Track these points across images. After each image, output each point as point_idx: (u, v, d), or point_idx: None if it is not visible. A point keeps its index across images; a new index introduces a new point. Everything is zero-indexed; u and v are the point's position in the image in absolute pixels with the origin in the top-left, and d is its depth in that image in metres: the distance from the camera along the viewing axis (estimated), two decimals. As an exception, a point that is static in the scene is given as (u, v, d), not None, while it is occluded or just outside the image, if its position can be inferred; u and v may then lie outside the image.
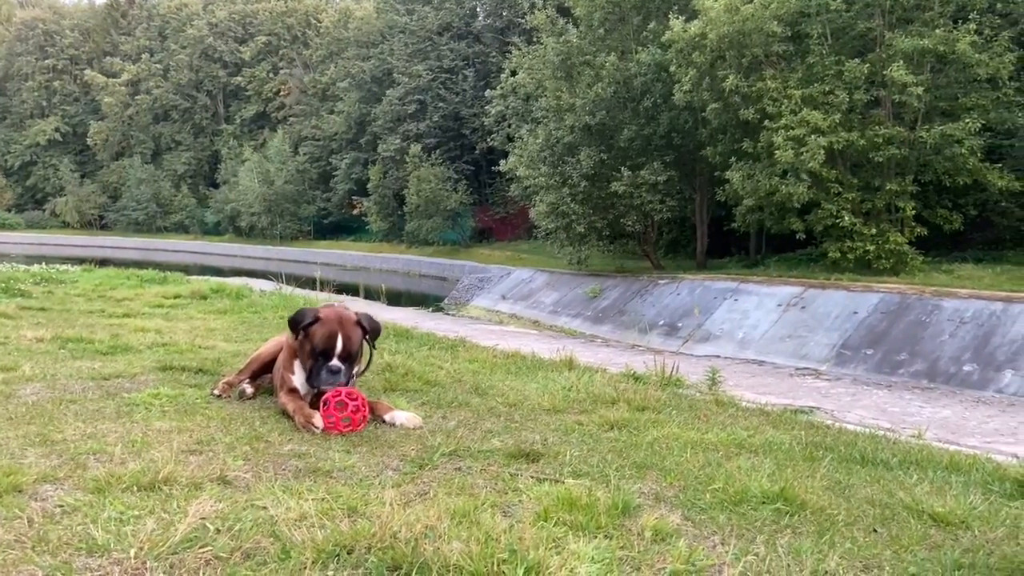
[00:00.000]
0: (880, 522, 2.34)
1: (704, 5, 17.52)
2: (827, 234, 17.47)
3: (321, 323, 3.18)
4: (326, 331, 3.16)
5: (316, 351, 3.13)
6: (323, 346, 3.13)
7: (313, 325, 3.18)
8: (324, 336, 3.15)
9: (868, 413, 7.84)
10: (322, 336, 3.15)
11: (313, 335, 3.16)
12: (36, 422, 2.86)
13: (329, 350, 3.13)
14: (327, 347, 3.13)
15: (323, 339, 3.14)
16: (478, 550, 1.77)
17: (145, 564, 1.67)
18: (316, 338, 3.15)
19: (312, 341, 3.16)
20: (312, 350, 3.14)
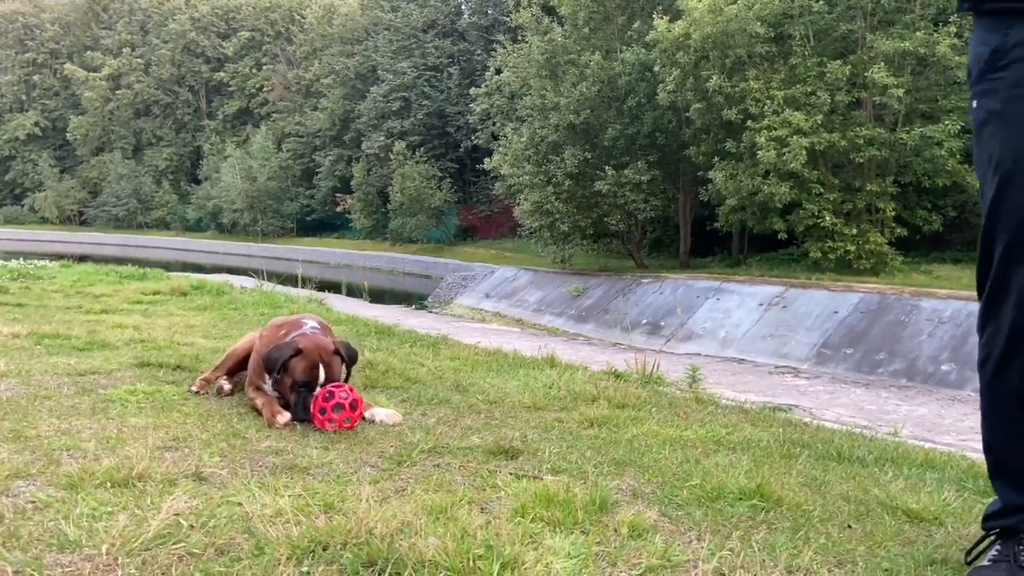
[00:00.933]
0: (855, 518, 2.36)
1: (688, 5, 17.60)
2: (808, 234, 17.60)
3: (302, 356, 3.13)
4: (307, 363, 3.12)
5: (299, 383, 3.09)
6: (306, 378, 3.10)
7: (293, 359, 3.13)
8: (305, 368, 3.11)
9: (846, 411, 7.91)
10: (304, 368, 3.11)
11: (294, 369, 3.12)
12: (10, 418, 2.83)
13: (312, 381, 3.09)
14: (310, 379, 3.10)
15: (304, 371, 3.11)
16: (454, 546, 1.77)
17: (117, 560, 1.65)
18: (297, 372, 3.11)
19: (293, 375, 3.11)
20: (294, 383, 3.10)
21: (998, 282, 1.77)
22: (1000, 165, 1.72)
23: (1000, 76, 1.73)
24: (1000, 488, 1.88)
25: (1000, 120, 1.73)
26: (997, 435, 1.87)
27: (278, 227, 51.92)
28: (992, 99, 1.75)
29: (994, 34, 1.75)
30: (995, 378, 1.83)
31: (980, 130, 1.80)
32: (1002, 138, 1.73)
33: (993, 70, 1.75)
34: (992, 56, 1.75)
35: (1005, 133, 1.72)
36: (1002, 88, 1.73)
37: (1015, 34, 1.71)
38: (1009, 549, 1.81)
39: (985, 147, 1.78)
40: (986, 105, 1.77)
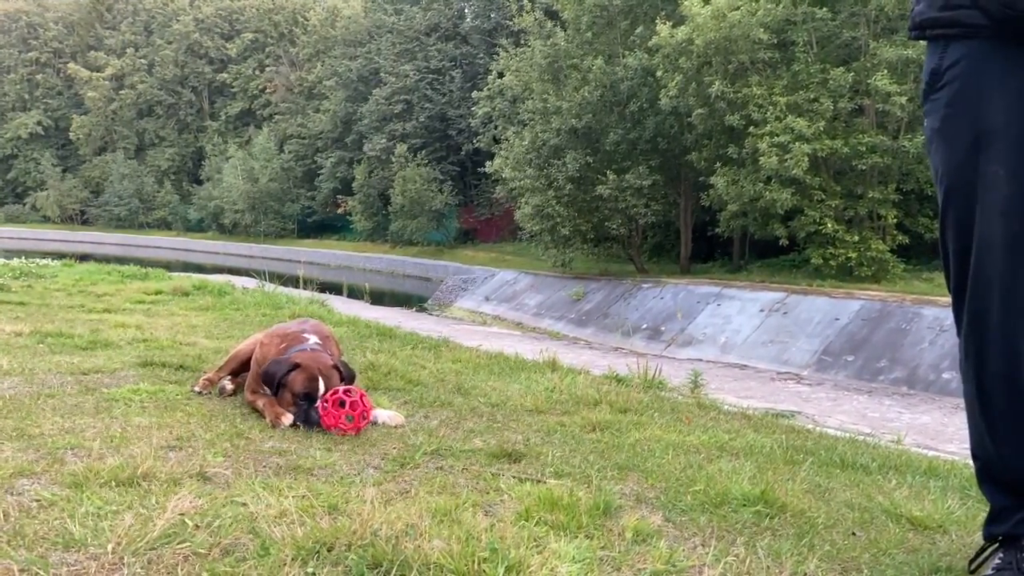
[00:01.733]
0: (859, 525, 2.35)
1: (691, 11, 17.61)
2: (810, 240, 17.60)
3: (300, 370, 3.15)
4: (306, 376, 3.13)
5: (299, 396, 3.10)
6: (305, 389, 3.10)
7: (291, 373, 3.14)
8: (305, 380, 3.12)
9: (848, 418, 7.91)
10: (303, 381, 3.12)
11: (293, 382, 3.12)
12: (13, 416, 2.83)
13: (312, 393, 3.10)
14: (310, 390, 3.10)
15: (304, 383, 3.11)
16: (459, 548, 1.77)
17: (122, 559, 1.65)
18: (297, 385, 3.11)
19: (292, 389, 3.12)
20: (295, 396, 3.11)
21: (957, 290, 1.87)
22: (943, 180, 1.85)
23: (938, 96, 1.85)
24: (987, 491, 1.92)
25: (940, 137, 1.85)
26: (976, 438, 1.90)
27: (279, 228, 51.94)
28: (933, 118, 1.87)
29: (933, 57, 1.86)
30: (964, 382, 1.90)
31: (928, 146, 1.92)
32: (941, 154, 1.85)
33: (933, 91, 1.86)
34: (931, 78, 1.87)
35: (943, 150, 1.84)
36: (940, 107, 1.84)
37: (948, 56, 1.82)
38: (1012, 556, 1.82)
39: (932, 162, 1.90)
40: (929, 124, 1.89)
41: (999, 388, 1.80)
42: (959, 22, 1.79)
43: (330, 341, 3.54)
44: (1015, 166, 1.74)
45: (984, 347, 1.81)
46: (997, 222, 1.75)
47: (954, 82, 1.81)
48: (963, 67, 1.79)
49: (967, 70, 1.79)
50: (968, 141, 1.78)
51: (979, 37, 1.77)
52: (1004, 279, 1.76)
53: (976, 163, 1.77)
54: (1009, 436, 1.81)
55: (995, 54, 1.76)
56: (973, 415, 1.88)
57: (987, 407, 1.83)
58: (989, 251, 1.76)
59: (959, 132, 1.80)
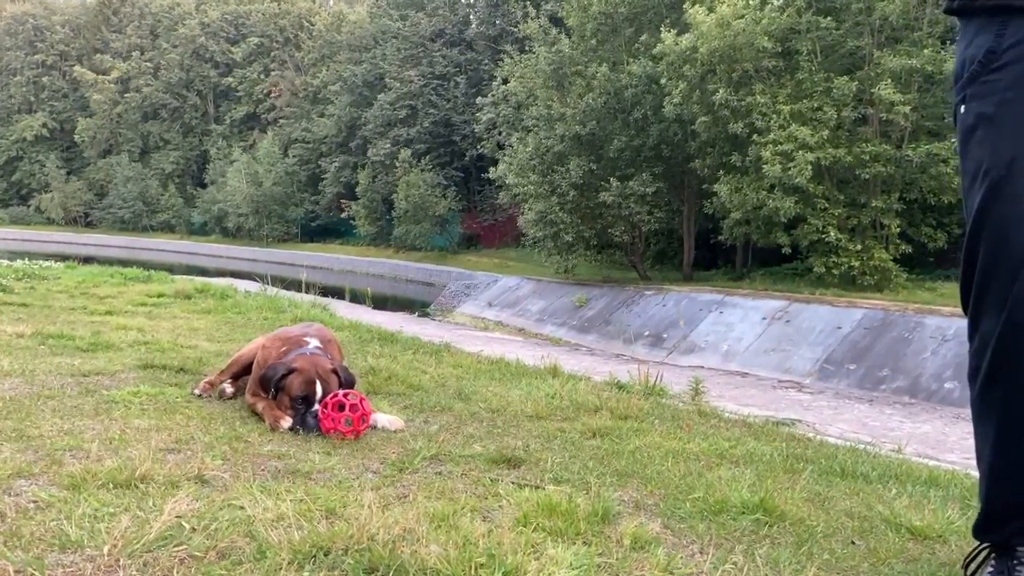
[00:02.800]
0: (858, 534, 2.35)
1: (696, 19, 17.65)
2: (813, 249, 17.59)
3: (297, 373, 3.13)
4: (303, 379, 3.11)
5: (296, 400, 3.08)
6: (302, 392, 3.08)
7: (288, 376, 3.13)
8: (302, 383, 3.10)
9: (849, 427, 7.89)
10: (300, 384, 3.10)
11: (290, 385, 3.10)
12: (13, 417, 2.83)
13: (310, 396, 3.08)
14: (307, 393, 3.08)
15: (301, 386, 3.09)
16: (456, 554, 1.76)
17: (119, 561, 1.65)
18: (294, 388, 3.09)
19: (290, 392, 3.10)
20: (292, 400, 3.09)
21: (982, 293, 1.70)
22: (989, 172, 1.64)
23: (994, 79, 1.65)
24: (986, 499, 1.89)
25: (991, 124, 1.65)
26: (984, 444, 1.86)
27: (283, 232, 52.04)
28: (984, 103, 1.67)
29: (987, 34, 1.68)
30: (984, 392, 1.77)
31: (968, 136, 1.72)
32: (992, 144, 1.64)
33: (986, 72, 1.67)
34: (986, 57, 1.67)
35: (996, 138, 1.64)
36: (996, 91, 1.64)
37: (1011, 33, 1.63)
38: (1004, 565, 1.82)
39: (973, 153, 1.70)
40: (976, 109, 1.69)
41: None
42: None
43: (332, 345, 3.53)
44: None
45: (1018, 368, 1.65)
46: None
47: (1020, 62, 1.61)
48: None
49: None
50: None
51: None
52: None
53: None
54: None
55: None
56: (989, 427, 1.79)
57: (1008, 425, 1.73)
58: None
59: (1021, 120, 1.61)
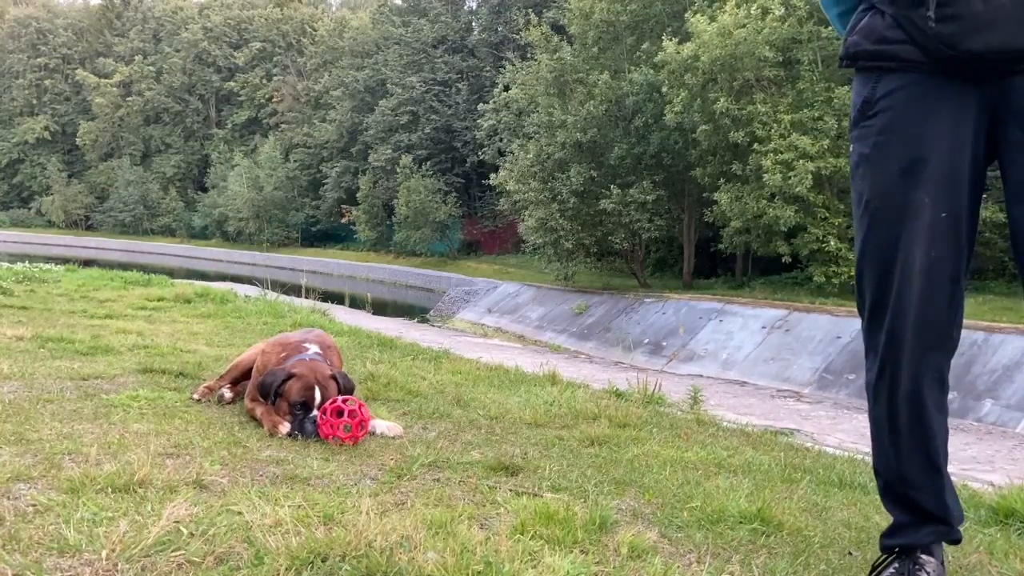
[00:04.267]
0: (856, 545, 2.35)
1: (697, 28, 17.70)
2: (813, 258, 17.61)
3: (296, 379, 3.12)
4: (302, 384, 3.10)
5: (295, 406, 3.08)
6: (301, 398, 3.07)
7: (287, 382, 3.12)
8: (301, 389, 3.09)
9: (848, 436, 7.88)
10: (299, 390, 3.09)
11: (289, 391, 3.10)
12: (12, 420, 2.83)
13: (308, 402, 3.07)
14: (306, 399, 3.07)
15: (300, 392, 3.08)
16: (453, 561, 1.76)
17: (116, 566, 1.65)
18: (293, 393, 3.08)
19: (288, 398, 3.09)
20: (291, 406, 3.09)
21: (873, 312, 1.91)
22: (868, 204, 1.90)
23: (869, 124, 1.89)
24: (889, 507, 2.02)
25: (868, 163, 1.90)
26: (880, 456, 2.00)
27: (283, 237, 52.07)
28: (863, 144, 1.91)
29: (865, 87, 1.91)
30: (873, 401, 1.96)
31: (854, 172, 1.96)
32: (869, 180, 1.90)
33: (864, 118, 1.91)
34: (863, 106, 1.91)
35: (871, 176, 1.89)
36: (871, 135, 1.89)
37: (882, 86, 1.87)
38: (905, 567, 1.90)
39: (857, 187, 1.95)
40: (858, 149, 1.93)
41: (906, 408, 1.90)
42: (896, 56, 1.83)
43: (332, 351, 3.53)
44: (938, 195, 1.81)
45: (897, 369, 1.88)
46: (919, 248, 1.82)
47: (888, 111, 1.86)
48: (897, 97, 1.84)
49: (901, 100, 1.84)
50: (898, 169, 1.83)
51: (914, 71, 1.82)
52: (919, 304, 1.83)
53: (905, 190, 1.83)
54: (912, 454, 1.92)
55: (929, 87, 1.81)
56: (880, 434, 1.97)
57: (895, 426, 1.92)
58: (908, 275, 1.83)
59: (891, 159, 1.85)
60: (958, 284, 1.87)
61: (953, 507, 1.97)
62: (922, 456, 1.92)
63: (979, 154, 1.84)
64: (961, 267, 1.87)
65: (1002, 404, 10.64)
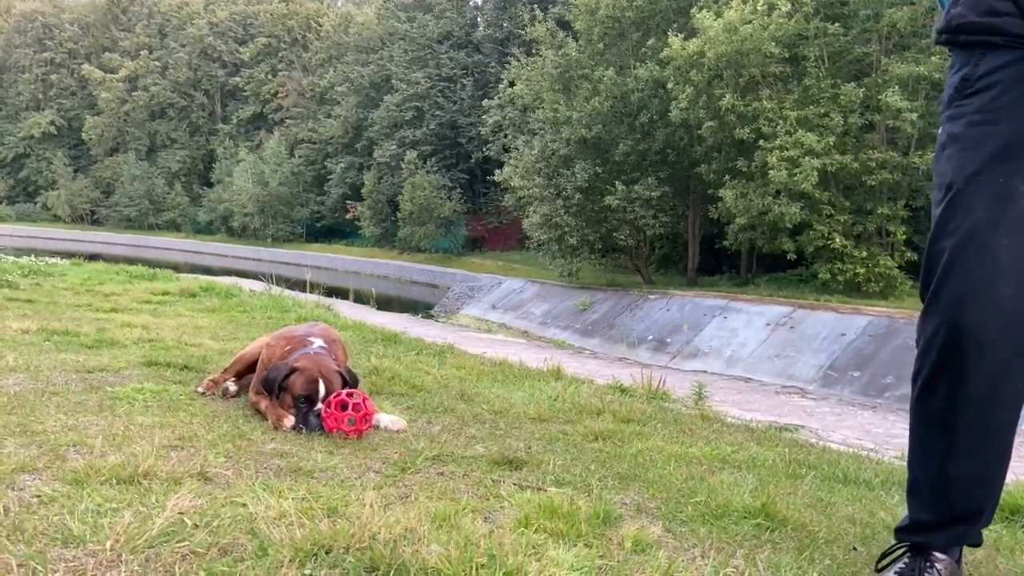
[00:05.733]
0: (860, 540, 2.34)
1: (703, 24, 17.65)
2: (818, 255, 17.57)
3: (299, 372, 3.11)
4: (305, 378, 3.09)
5: (299, 399, 3.06)
6: (305, 391, 3.06)
7: (291, 376, 3.11)
8: (305, 382, 3.08)
9: (852, 433, 7.87)
10: (303, 383, 3.08)
11: (293, 385, 3.08)
12: (17, 412, 2.83)
13: (312, 395, 3.06)
14: (310, 392, 3.06)
15: (304, 385, 3.07)
16: (457, 554, 1.76)
17: (121, 556, 1.65)
18: (297, 387, 3.07)
19: (292, 391, 3.08)
20: (295, 399, 3.07)
21: (932, 297, 1.80)
22: (951, 185, 1.78)
23: (966, 103, 1.80)
24: (912, 504, 1.93)
25: (957, 143, 1.80)
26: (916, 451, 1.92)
27: (288, 232, 52.12)
28: (955, 124, 1.82)
29: (965, 63, 1.82)
30: (927, 395, 1.85)
31: (939, 153, 1.86)
32: (956, 161, 1.79)
33: (960, 97, 1.82)
34: (961, 84, 1.82)
35: (960, 157, 1.78)
36: (966, 114, 1.79)
37: (984, 64, 1.77)
38: (916, 564, 1.84)
39: (940, 169, 1.84)
40: (948, 129, 1.84)
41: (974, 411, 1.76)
42: (1002, 30, 1.73)
43: (336, 345, 3.53)
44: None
45: (968, 366, 1.74)
46: (1009, 238, 1.70)
47: (988, 90, 1.75)
48: (999, 76, 1.74)
49: (1004, 80, 1.73)
50: (992, 151, 1.73)
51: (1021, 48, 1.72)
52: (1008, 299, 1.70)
53: (998, 174, 1.72)
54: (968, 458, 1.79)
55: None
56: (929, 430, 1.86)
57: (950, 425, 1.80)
58: (996, 267, 1.70)
59: (984, 141, 1.74)
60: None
61: (988, 514, 1.88)
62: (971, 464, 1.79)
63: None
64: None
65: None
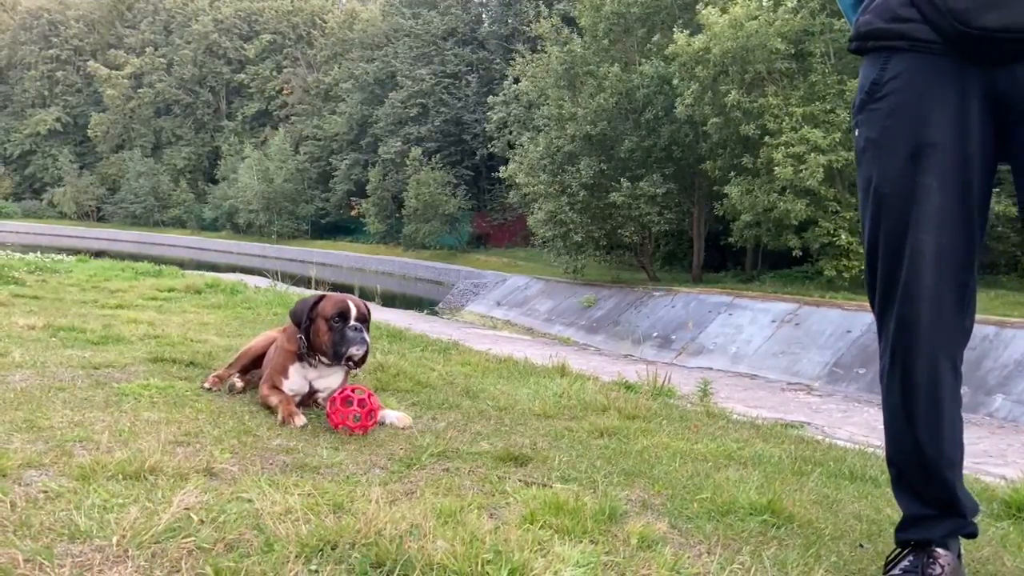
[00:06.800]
0: (866, 537, 2.34)
1: (708, 20, 17.60)
2: (823, 252, 17.52)
3: (326, 299, 3.25)
4: (335, 301, 3.22)
5: (333, 319, 3.16)
6: (339, 311, 3.18)
7: (319, 303, 3.24)
8: (335, 304, 3.21)
9: (858, 430, 7.86)
10: (334, 305, 3.20)
11: (323, 310, 3.20)
12: (24, 408, 2.84)
13: (345, 312, 3.17)
14: (343, 311, 3.18)
15: (335, 306, 3.19)
16: (463, 550, 1.76)
17: (127, 552, 1.66)
18: (328, 310, 3.19)
19: (324, 314, 3.19)
20: (328, 320, 3.17)
21: (884, 299, 1.89)
22: (876, 190, 1.86)
23: (877, 107, 1.87)
24: (902, 500, 1.97)
25: (876, 147, 1.87)
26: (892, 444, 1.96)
27: (293, 229, 52.17)
28: (870, 128, 1.88)
29: (873, 69, 1.88)
30: (886, 389, 1.93)
31: (860, 156, 1.93)
32: (877, 165, 1.86)
33: (872, 101, 1.88)
34: (871, 88, 1.88)
35: (879, 160, 1.85)
36: (879, 118, 1.86)
37: (891, 68, 1.84)
38: (919, 561, 1.88)
39: (864, 172, 1.91)
40: (865, 133, 1.90)
41: (920, 397, 1.86)
42: (906, 35, 1.80)
43: None
44: (946, 180, 1.78)
45: (911, 355, 1.84)
46: (928, 234, 1.79)
47: (896, 93, 1.82)
48: (906, 80, 1.81)
49: (910, 83, 1.80)
50: (906, 153, 1.80)
51: (925, 52, 1.78)
52: (929, 290, 1.81)
53: (913, 174, 1.80)
54: (925, 445, 1.87)
55: (939, 69, 1.78)
56: (894, 423, 1.93)
57: (908, 415, 1.88)
58: (920, 260, 1.80)
59: (898, 143, 1.82)
60: (969, 271, 1.84)
61: (965, 500, 1.93)
62: (935, 447, 1.88)
63: (989, 140, 1.80)
64: (972, 253, 1.84)
65: (1013, 399, 10.58)
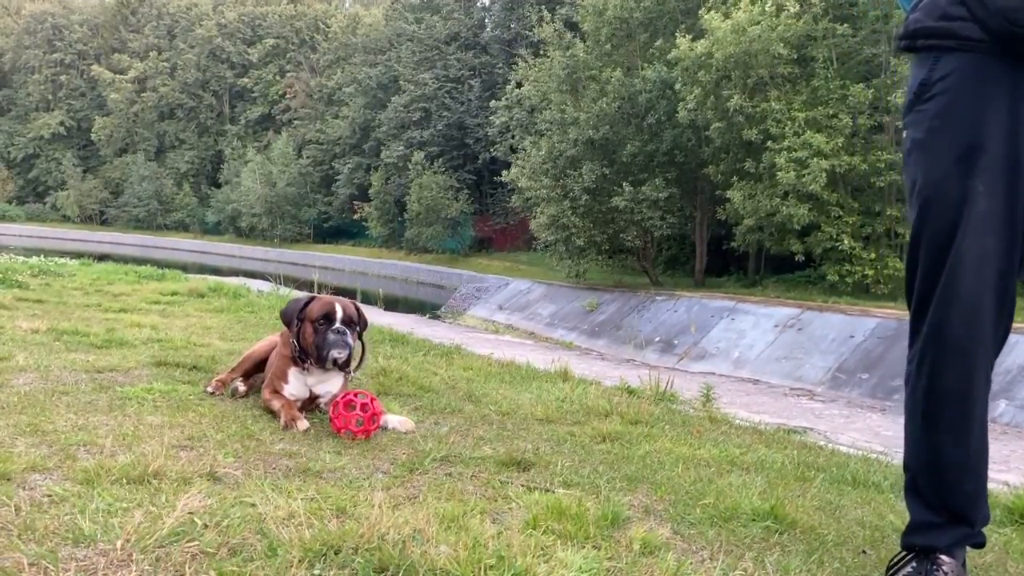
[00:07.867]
0: (869, 544, 2.33)
1: (711, 25, 17.62)
2: (826, 257, 17.51)
3: (316, 300, 3.29)
4: (322, 303, 3.24)
5: (317, 321, 3.18)
6: (324, 312, 3.20)
7: (309, 305, 3.26)
8: (322, 306, 3.23)
9: (861, 435, 7.84)
10: (320, 307, 3.22)
11: (311, 312, 3.22)
12: (28, 412, 2.85)
13: (331, 314, 3.19)
14: (328, 312, 3.20)
15: (321, 308, 3.21)
16: (466, 555, 1.76)
17: (131, 556, 1.66)
18: (314, 312, 3.21)
19: (311, 317, 3.21)
20: (313, 323, 3.19)
21: (921, 302, 1.86)
22: (921, 191, 1.82)
23: (925, 108, 1.83)
24: (912, 505, 1.94)
25: (922, 149, 1.83)
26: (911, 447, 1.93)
27: (295, 233, 52.25)
28: (917, 129, 1.85)
29: (923, 69, 1.84)
30: (911, 393, 1.90)
31: (906, 158, 1.89)
32: (922, 166, 1.82)
33: (920, 102, 1.84)
34: (919, 89, 1.85)
35: (925, 162, 1.82)
36: (926, 119, 1.82)
37: (940, 68, 1.80)
38: (923, 567, 1.85)
39: (910, 174, 1.88)
40: (912, 134, 1.87)
41: (952, 403, 1.82)
42: (955, 34, 1.77)
43: None
44: (994, 184, 1.75)
45: (942, 361, 1.81)
46: (973, 238, 1.75)
47: (944, 94, 1.79)
48: (955, 80, 1.78)
49: (959, 83, 1.77)
50: (954, 155, 1.77)
51: (974, 51, 1.75)
52: (970, 296, 1.77)
53: (960, 177, 1.76)
54: (949, 452, 1.84)
55: (988, 69, 1.75)
56: (915, 427, 1.90)
57: (932, 421, 1.84)
58: (960, 266, 1.76)
59: (945, 145, 1.78)
60: (1010, 278, 1.81)
61: (980, 510, 1.90)
62: (957, 456, 1.84)
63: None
64: (1014, 260, 1.80)
65: (1016, 405, 10.55)
